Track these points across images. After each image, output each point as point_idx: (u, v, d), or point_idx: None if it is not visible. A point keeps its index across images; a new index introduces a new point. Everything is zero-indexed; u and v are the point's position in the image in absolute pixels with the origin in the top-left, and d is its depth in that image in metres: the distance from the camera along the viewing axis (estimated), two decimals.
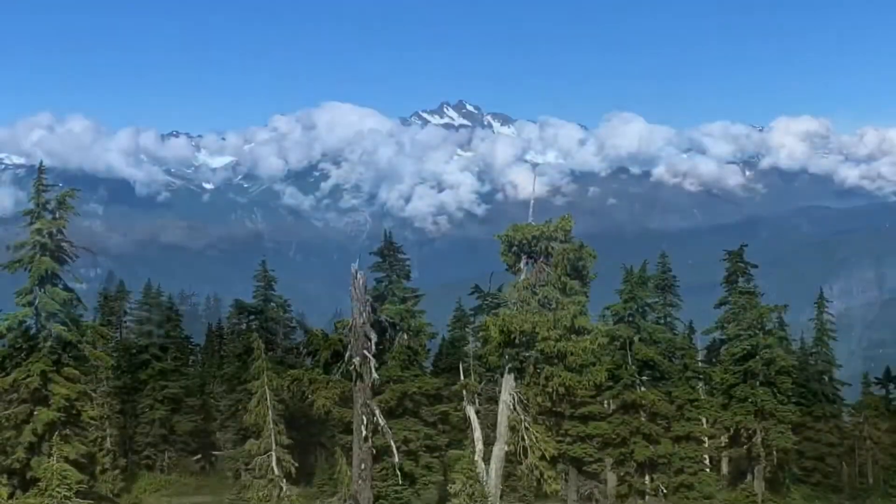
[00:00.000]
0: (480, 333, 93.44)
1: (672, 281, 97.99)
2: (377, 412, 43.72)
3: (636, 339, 68.84)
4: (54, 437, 54.12)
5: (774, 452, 77.40)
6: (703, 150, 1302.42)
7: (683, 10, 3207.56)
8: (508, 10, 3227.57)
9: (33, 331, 56.47)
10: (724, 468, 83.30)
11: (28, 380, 54.24)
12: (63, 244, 56.63)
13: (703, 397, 77.87)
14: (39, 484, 53.60)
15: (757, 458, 74.71)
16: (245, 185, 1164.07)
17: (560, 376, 42.07)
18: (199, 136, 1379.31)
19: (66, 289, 57.10)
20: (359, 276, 42.94)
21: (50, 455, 53.99)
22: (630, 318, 69.02)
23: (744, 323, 75.82)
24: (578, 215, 49.65)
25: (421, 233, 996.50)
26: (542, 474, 44.99)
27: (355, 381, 42.58)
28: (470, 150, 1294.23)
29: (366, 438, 42.74)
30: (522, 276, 43.69)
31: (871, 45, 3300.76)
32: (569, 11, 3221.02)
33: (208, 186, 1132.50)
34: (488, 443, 50.35)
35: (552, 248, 42.85)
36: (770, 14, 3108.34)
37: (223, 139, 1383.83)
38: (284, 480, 58.73)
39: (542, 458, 44.67)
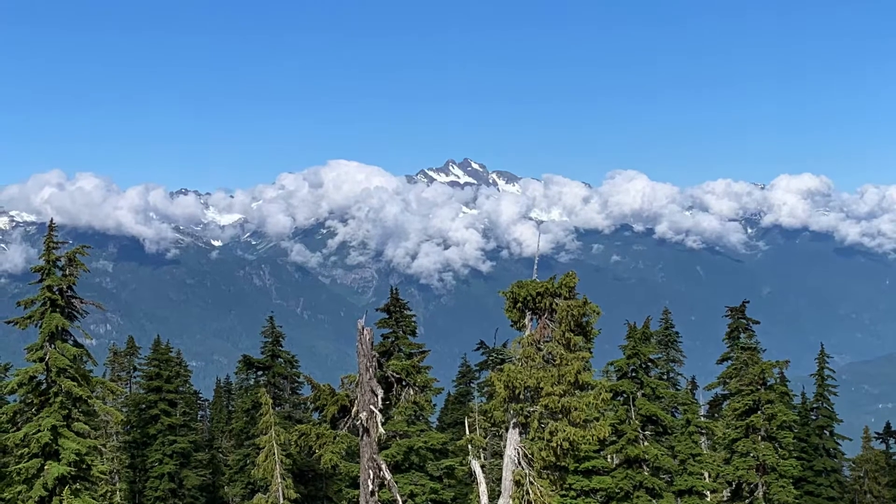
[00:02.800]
0: (485, 389, 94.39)
1: (675, 337, 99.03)
2: (383, 467, 44.12)
3: (639, 394, 69.20)
4: (65, 492, 54.14)
5: None
6: (705, 208, 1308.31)
7: (685, 70, 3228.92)
8: (512, 70, 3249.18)
9: (44, 386, 56.46)
10: None
11: (38, 434, 54.31)
12: (73, 300, 56.96)
13: (705, 452, 78.13)
14: None
15: None
16: (253, 243, 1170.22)
17: (564, 431, 42.43)
18: (208, 193, 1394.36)
19: (76, 344, 57.46)
20: (365, 331, 43.49)
21: None
22: (633, 374, 69.40)
23: (745, 378, 76.35)
24: (582, 272, 50.27)
25: (427, 289, 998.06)
26: None
27: (362, 436, 43.03)
28: (475, 208, 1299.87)
29: (372, 493, 43.13)
30: (527, 332, 44.22)
31: (871, 104, 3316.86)
32: (572, 71, 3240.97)
33: (216, 244, 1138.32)
34: (493, 497, 50.70)
35: (556, 304, 43.33)
36: (771, 73, 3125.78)
37: (231, 197, 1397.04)
38: None
39: None
